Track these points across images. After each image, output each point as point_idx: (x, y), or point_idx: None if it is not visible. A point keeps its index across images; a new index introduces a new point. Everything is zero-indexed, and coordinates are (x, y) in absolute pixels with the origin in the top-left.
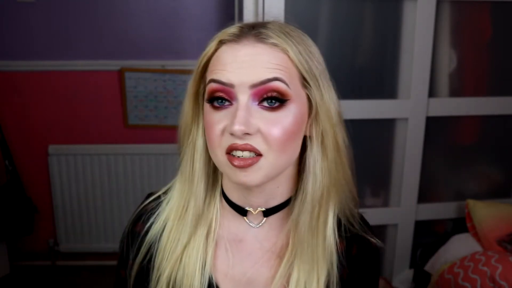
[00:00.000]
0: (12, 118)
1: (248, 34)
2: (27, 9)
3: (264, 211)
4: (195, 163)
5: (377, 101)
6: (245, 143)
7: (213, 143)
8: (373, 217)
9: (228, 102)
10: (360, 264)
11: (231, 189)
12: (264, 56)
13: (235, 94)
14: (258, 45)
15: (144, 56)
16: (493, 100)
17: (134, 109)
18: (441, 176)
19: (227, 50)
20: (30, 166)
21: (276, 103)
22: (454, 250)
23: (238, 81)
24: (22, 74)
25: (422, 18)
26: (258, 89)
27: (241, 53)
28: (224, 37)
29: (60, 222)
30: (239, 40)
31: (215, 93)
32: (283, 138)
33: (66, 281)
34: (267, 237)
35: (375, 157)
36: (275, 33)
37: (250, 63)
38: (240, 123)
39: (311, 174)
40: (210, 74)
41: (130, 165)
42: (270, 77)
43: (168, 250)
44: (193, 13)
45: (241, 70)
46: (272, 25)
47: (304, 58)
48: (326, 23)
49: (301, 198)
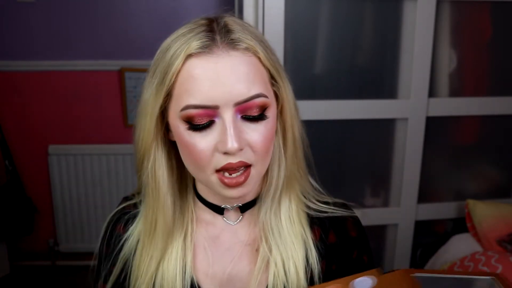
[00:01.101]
0: (12, 118)
1: (218, 41)
2: (27, 9)
3: (241, 206)
4: (159, 180)
5: (377, 101)
6: (239, 160)
7: (202, 163)
8: (373, 217)
9: (210, 121)
10: (339, 252)
11: (208, 192)
12: (242, 67)
13: (218, 113)
14: (232, 52)
15: (144, 56)
16: (493, 100)
17: (134, 109)
18: (441, 176)
19: (200, 64)
20: (30, 166)
21: (256, 115)
22: (454, 250)
23: (222, 101)
24: (22, 74)
25: (422, 18)
26: (243, 106)
27: (219, 66)
28: (193, 51)
29: (60, 222)
30: (211, 51)
31: (197, 117)
32: (267, 145)
33: (66, 281)
34: (244, 232)
35: (375, 157)
36: (242, 34)
37: (230, 78)
38: (233, 141)
39: (275, 165)
40: (184, 95)
41: (130, 165)
42: (253, 95)
43: (142, 268)
44: (193, 13)
45: (224, 87)
46: (231, 25)
47: (269, 56)
48: (326, 23)
49: (267, 188)
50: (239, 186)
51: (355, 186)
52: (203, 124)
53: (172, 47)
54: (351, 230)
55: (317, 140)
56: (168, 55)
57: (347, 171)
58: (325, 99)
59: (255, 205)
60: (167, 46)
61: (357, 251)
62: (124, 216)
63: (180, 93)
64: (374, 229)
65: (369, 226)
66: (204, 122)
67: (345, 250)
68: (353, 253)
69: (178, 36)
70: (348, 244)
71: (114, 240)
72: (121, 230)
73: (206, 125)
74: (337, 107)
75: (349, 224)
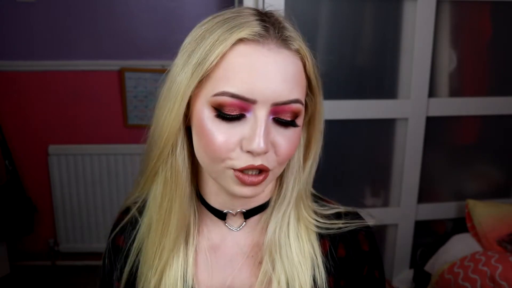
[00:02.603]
0: (12, 118)
1: (272, 34)
2: (27, 9)
3: (245, 212)
4: (179, 167)
5: (377, 101)
6: (260, 163)
7: (219, 155)
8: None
9: (241, 114)
10: (349, 268)
11: (214, 194)
12: (290, 68)
13: (253, 108)
14: (283, 50)
15: (144, 56)
16: (493, 100)
17: (134, 109)
18: (441, 176)
19: (249, 53)
20: (30, 166)
21: (289, 120)
22: (454, 250)
23: (262, 98)
24: (22, 74)
25: (422, 18)
26: (279, 108)
27: (269, 60)
28: (247, 36)
29: (60, 222)
30: (263, 42)
31: (228, 107)
32: (292, 152)
33: (66, 281)
34: (246, 241)
35: (375, 157)
36: (295, 35)
37: (276, 75)
38: (262, 141)
39: (292, 177)
40: (222, 81)
41: (130, 165)
42: (292, 99)
43: (151, 258)
44: (192, 13)
45: (267, 84)
46: (284, 22)
47: (314, 67)
48: (326, 23)
49: (279, 199)
50: (254, 185)
51: (355, 186)
52: (233, 115)
53: (219, 28)
54: (363, 243)
55: None
56: (214, 35)
57: (347, 171)
58: (325, 99)
59: (259, 212)
60: (212, 26)
61: (368, 267)
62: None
63: (219, 77)
64: (374, 229)
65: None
66: (235, 114)
67: (355, 266)
68: (364, 269)
69: (226, 18)
70: (359, 259)
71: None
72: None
73: (236, 117)
74: (337, 107)
75: (361, 237)
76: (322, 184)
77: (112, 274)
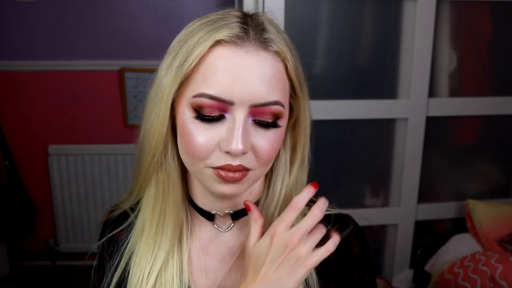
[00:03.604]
0: (12, 118)
1: (251, 36)
2: (27, 9)
3: (232, 214)
4: (170, 168)
5: (377, 101)
6: (238, 164)
7: (198, 156)
8: (373, 217)
9: (220, 115)
10: (339, 270)
11: (200, 195)
12: (268, 69)
13: (231, 110)
14: (261, 52)
15: (144, 56)
16: (493, 100)
17: (134, 109)
18: (441, 176)
19: (227, 55)
20: (30, 166)
21: (269, 121)
22: (454, 250)
23: (239, 100)
24: (22, 74)
25: (422, 18)
26: (258, 109)
27: (246, 62)
28: (224, 37)
29: (60, 222)
30: (241, 44)
31: (207, 108)
32: (273, 154)
33: (66, 281)
34: (236, 242)
35: (375, 157)
36: (276, 37)
37: (254, 78)
38: (239, 142)
39: (279, 181)
40: (201, 82)
41: (130, 165)
42: (271, 100)
43: (146, 259)
44: (192, 13)
45: (244, 86)
46: (267, 24)
47: (296, 67)
48: (326, 23)
49: (266, 201)
50: (234, 182)
51: (355, 186)
52: (212, 116)
53: (200, 30)
54: (354, 246)
55: (317, 140)
56: (195, 37)
57: (347, 171)
58: (325, 99)
59: (247, 214)
60: (195, 28)
61: (358, 271)
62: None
63: (198, 79)
64: (374, 229)
65: (369, 226)
66: (214, 115)
67: (345, 269)
68: (354, 273)
69: (209, 20)
70: (349, 262)
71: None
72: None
73: (215, 118)
74: (337, 107)
75: (352, 240)
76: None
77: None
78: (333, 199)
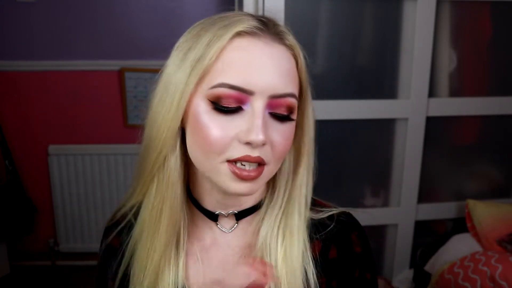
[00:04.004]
0: (12, 118)
1: (268, 29)
2: (27, 9)
3: (236, 214)
4: (171, 167)
5: (377, 101)
6: (257, 155)
7: (215, 149)
8: (373, 217)
9: (238, 107)
10: (340, 269)
11: (206, 194)
12: (285, 62)
13: (250, 100)
14: (277, 45)
15: (144, 56)
16: (493, 100)
17: (134, 109)
18: (441, 176)
19: (247, 46)
20: (30, 166)
21: (285, 114)
22: (454, 250)
23: (259, 89)
24: (22, 74)
25: (422, 18)
26: (275, 101)
27: (265, 53)
28: (244, 29)
29: (60, 222)
30: (260, 36)
31: (226, 98)
32: (288, 148)
33: (66, 281)
34: (238, 243)
35: (375, 157)
36: (288, 32)
37: (273, 68)
38: (260, 132)
39: (284, 179)
40: (220, 73)
41: (130, 165)
42: (288, 92)
43: (143, 260)
44: (192, 13)
45: (264, 76)
46: (277, 21)
47: (305, 68)
48: (326, 23)
49: (271, 202)
50: (249, 181)
51: (355, 186)
52: (230, 108)
53: (214, 26)
54: (356, 245)
55: (317, 140)
56: (210, 32)
57: (347, 171)
58: (325, 99)
59: (251, 213)
60: (207, 25)
61: (360, 270)
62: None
63: (216, 70)
64: (374, 229)
65: (369, 226)
66: (232, 106)
67: (347, 268)
68: (355, 272)
69: (221, 17)
70: (351, 261)
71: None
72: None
73: (233, 110)
74: (337, 107)
75: (353, 238)
76: (322, 184)
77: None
78: (333, 199)
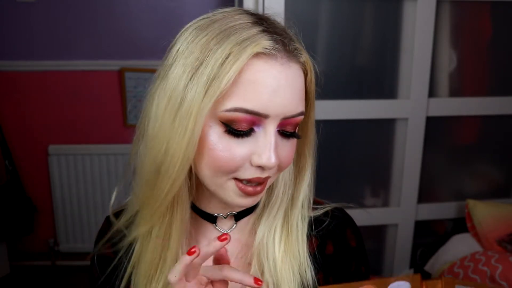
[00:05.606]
0: (12, 118)
1: (283, 47)
2: (27, 9)
3: (235, 215)
4: (183, 186)
5: (377, 101)
6: (267, 175)
7: (226, 170)
8: (373, 217)
9: (250, 129)
10: (337, 264)
11: (205, 200)
12: (297, 82)
13: (263, 123)
14: (292, 64)
15: (144, 56)
16: (493, 100)
17: (134, 109)
18: (441, 176)
19: (264, 68)
20: (30, 166)
21: (292, 131)
22: (454, 250)
23: (274, 113)
24: (22, 74)
25: (422, 18)
26: (287, 121)
27: (282, 76)
28: (263, 50)
29: (60, 222)
30: (277, 57)
31: (240, 122)
32: (291, 161)
33: (66, 281)
34: (236, 243)
35: (375, 157)
36: (299, 45)
37: (288, 91)
38: (273, 156)
39: (283, 181)
40: (235, 96)
41: None
42: (299, 112)
43: (150, 272)
44: (192, 13)
45: (280, 99)
46: (288, 31)
47: (312, 78)
48: (326, 23)
49: (269, 203)
50: (255, 195)
51: (355, 186)
52: (244, 131)
53: (226, 39)
54: (350, 239)
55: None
56: (224, 48)
57: (347, 171)
58: (325, 99)
59: (249, 213)
60: (216, 36)
61: (355, 263)
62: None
63: (232, 92)
64: (374, 229)
65: (369, 226)
66: (245, 129)
67: (343, 262)
68: (351, 265)
69: (228, 28)
70: (347, 255)
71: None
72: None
73: (246, 133)
74: (337, 107)
75: (348, 233)
76: (322, 184)
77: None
78: (333, 199)
